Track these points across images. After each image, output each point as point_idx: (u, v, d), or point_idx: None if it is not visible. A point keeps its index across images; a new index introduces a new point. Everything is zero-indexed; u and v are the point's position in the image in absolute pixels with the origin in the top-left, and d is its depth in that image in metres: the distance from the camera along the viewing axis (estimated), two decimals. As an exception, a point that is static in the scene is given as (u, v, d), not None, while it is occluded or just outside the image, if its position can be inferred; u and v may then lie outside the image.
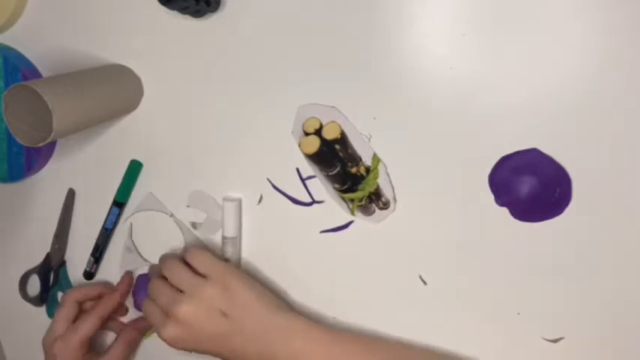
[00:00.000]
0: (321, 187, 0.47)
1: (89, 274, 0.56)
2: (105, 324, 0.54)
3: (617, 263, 0.40)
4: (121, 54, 0.51)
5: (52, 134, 0.42)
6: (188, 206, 0.52)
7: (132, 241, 0.55)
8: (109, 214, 0.54)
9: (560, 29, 0.39)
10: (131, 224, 0.55)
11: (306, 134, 0.46)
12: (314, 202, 0.48)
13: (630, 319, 0.40)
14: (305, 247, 0.48)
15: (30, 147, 0.44)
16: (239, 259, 0.51)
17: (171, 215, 0.53)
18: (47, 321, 0.59)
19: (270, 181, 0.49)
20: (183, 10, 0.45)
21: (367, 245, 0.46)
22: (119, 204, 0.54)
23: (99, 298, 0.54)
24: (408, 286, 0.46)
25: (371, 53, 0.43)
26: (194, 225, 0.52)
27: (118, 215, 0.54)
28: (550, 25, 0.39)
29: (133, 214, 0.54)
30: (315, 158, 0.47)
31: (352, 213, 0.47)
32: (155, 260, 0.53)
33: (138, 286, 0.55)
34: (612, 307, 0.41)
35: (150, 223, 0.54)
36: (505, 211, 0.42)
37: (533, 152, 0.41)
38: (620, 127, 0.39)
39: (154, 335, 0.55)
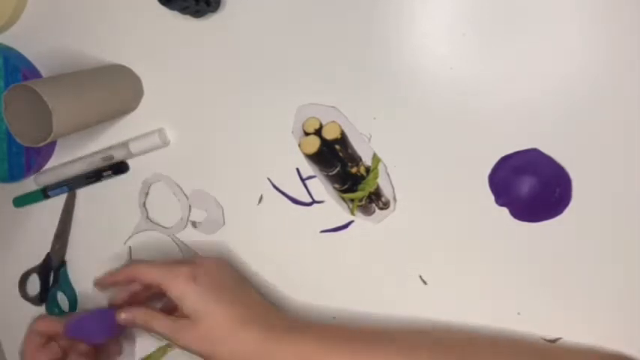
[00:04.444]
0: (321, 187, 0.47)
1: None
2: None
3: (617, 263, 0.40)
4: (121, 54, 0.51)
5: (52, 134, 0.42)
6: (188, 205, 0.52)
7: None
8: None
9: (560, 29, 0.39)
10: (130, 247, 0.55)
11: (306, 134, 0.46)
12: (314, 202, 0.47)
13: (630, 319, 0.40)
14: (305, 247, 0.48)
15: (30, 147, 0.44)
16: None
17: (169, 234, 0.53)
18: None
19: (271, 181, 0.49)
20: (183, 10, 0.45)
21: (367, 245, 0.46)
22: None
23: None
24: (408, 286, 0.46)
25: (371, 53, 0.43)
26: (194, 224, 0.52)
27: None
28: (550, 25, 0.39)
29: (130, 237, 0.54)
30: (315, 158, 0.47)
31: (352, 213, 0.46)
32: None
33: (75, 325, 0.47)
34: (612, 307, 0.41)
35: (148, 244, 0.54)
36: (505, 211, 0.42)
37: (533, 152, 0.41)
38: (620, 127, 0.39)
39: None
